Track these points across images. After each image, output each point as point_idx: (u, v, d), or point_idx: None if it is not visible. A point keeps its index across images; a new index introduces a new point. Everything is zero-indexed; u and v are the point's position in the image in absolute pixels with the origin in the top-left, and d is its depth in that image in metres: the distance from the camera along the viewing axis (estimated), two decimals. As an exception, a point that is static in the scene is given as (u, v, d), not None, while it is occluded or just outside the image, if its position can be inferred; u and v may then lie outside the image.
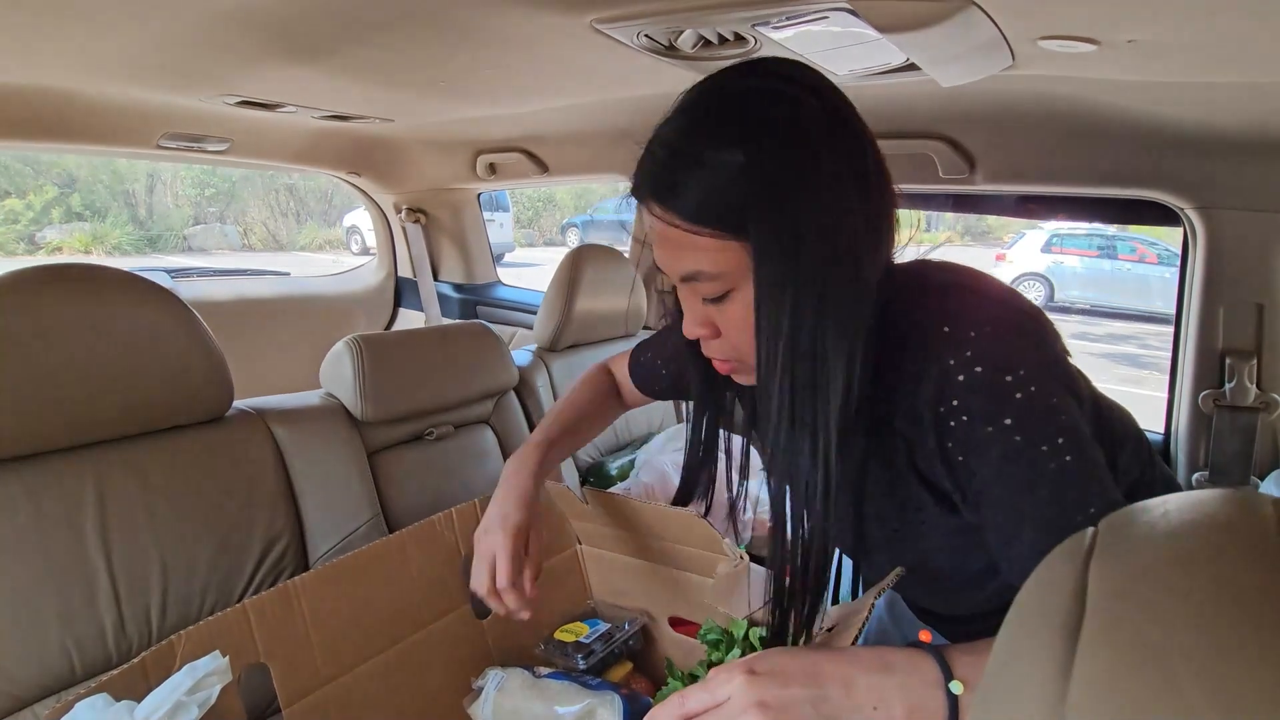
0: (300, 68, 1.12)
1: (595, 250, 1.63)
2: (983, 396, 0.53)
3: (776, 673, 0.51)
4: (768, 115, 0.54)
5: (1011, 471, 0.53)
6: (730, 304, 0.59)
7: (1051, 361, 0.56)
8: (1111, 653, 0.16)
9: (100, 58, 1.10)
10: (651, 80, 1.10)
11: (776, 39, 0.74)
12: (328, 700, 0.76)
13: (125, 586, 0.86)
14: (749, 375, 0.63)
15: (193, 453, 0.95)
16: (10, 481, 0.81)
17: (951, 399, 0.54)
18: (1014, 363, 0.53)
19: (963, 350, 0.54)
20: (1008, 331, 0.55)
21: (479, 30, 0.88)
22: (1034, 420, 0.53)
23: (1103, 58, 0.71)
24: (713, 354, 0.64)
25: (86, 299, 0.84)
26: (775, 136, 0.53)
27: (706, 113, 0.56)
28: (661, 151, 0.57)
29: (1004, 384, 0.53)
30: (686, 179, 0.55)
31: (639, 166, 0.59)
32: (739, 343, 0.60)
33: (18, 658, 0.78)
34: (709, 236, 0.55)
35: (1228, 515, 0.19)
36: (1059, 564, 0.21)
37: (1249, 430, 1.28)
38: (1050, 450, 0.53)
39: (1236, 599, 0.15)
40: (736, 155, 0.53)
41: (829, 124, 0.55)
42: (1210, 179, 1.19)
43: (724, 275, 0.57)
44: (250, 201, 10.86)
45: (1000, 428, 0.53)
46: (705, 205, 0.55)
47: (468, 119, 1.64)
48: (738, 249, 0.55)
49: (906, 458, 0.61)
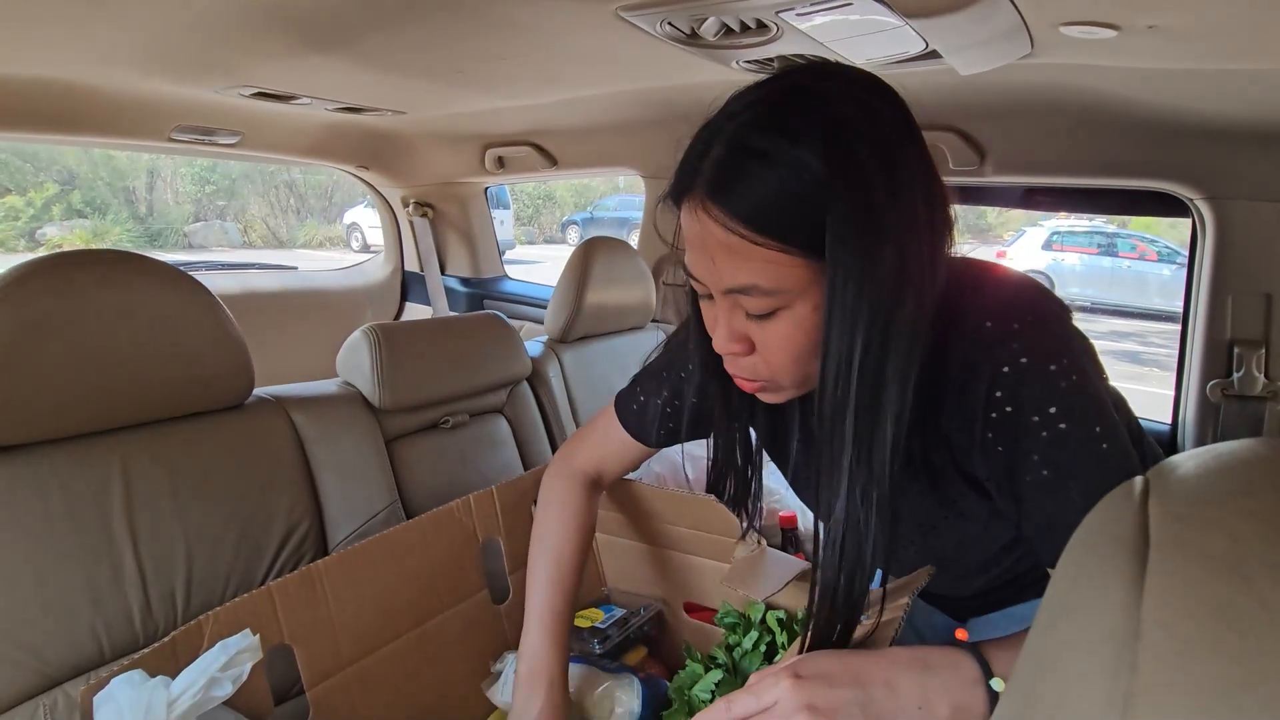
0: (318, 57, 1.13)
1: (606, 243, 1.64)
2: (1031, 387, 0.53)
3: (822, 675, 0.51)
4: (850, 121, 0.50)
5: (1055, 457, 0.53)
6: (776, 322, 0.54)
7: (1085, 347, 0.57)
8: (1182, 563, 0.17)
9: (116, 49, 1.11)
10: (669, 70, 1.10)
11: (800, 26, 0.75)
12: (350, 682, 0.77)
13: (151, 569, 0.87)
14: (777, 394, 0.61)
15: (216, 439, 0.96)
16: (41, 465, 0.82)
17: (998, 391, 0.54)
18: (1058, 350, 0.54)
19: (1009, 343, 0.53)
20: (1046, 319, 0.55)
21: (502, 18, 0.89)
22: (1078, 408, 0.53)
23: (1122, 44, 0.71)
24: (739, 371, 0.59)
25: (117, 284, 0.84)
26: (859, 145, 0.49)
27: (782, 110, 0.51)
28: (723, 148, 0.51)
29: (1050, 373, 0.53)
30: (756, 181, 0.50)
31: (688, 163, 0.54)
32: (776, 362, 0.56)
33: (48, 638, 0.79)
34: (774, 249, 0.50)
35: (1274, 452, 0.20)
36: (1117, 503, 0.22)
37: (1256, 419, 1.29)
38: (1091, 437, 0.53)
39: None
40: (817, 160, 0.49)
41: (904, 137, 0.52)
42: (1219, 169, 1.20)
43: (780, 292, 0.52)
44: (250, 198, 10.85)
45: (1046, 416, 0.53)
46: (776, 212, 0.50)
47: (477, 112, 1.64)
48: (801, 265, 0.51)
49: (949, 456, 0.60)
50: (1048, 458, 0.54)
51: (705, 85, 1.21)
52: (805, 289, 0.52)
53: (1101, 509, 0.23)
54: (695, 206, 0.53)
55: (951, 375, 0.56)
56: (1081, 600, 0.20)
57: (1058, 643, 0.20)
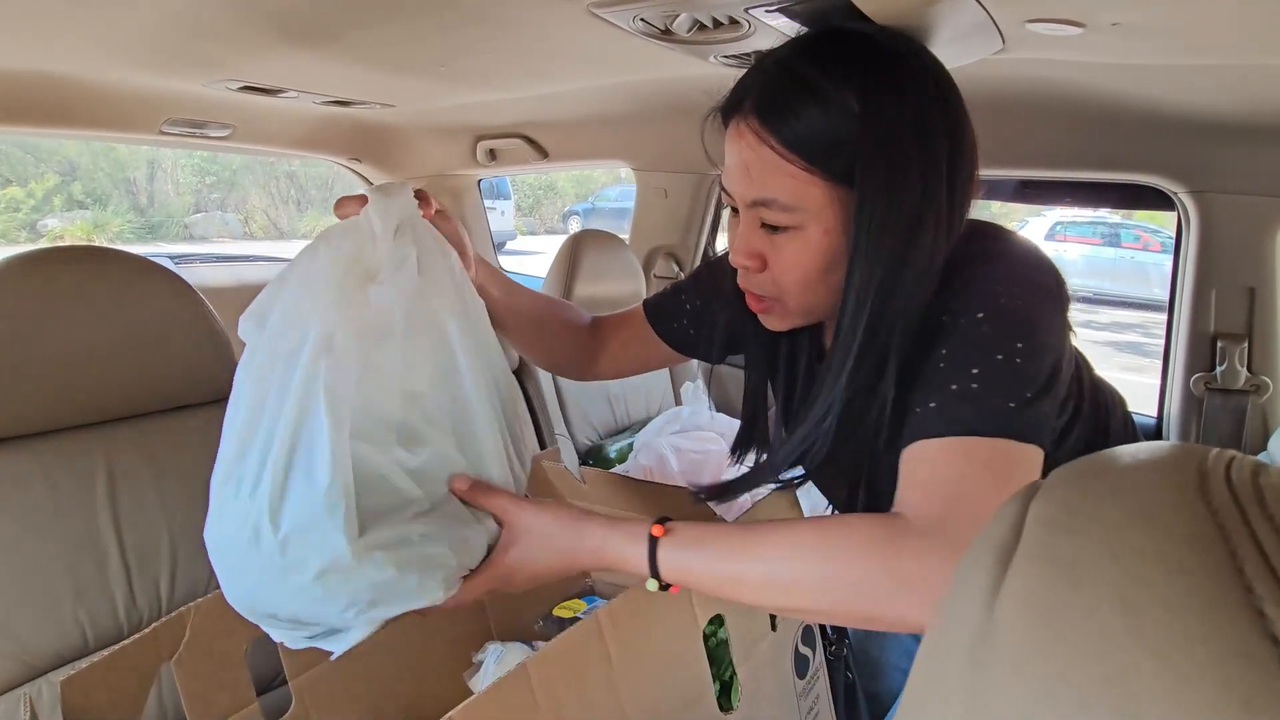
0: (301, 52, 1.13)
1: (595, 236, 1.64)
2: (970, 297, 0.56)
3: (519, 567, 0.59)
4: (888, 68, 0.55)
5: (961, 347, 0.55)
6: (789, 239, 0.58)
7: (1052, 306, 0.58)
8: (1033, 568, 0.18)
9: (102, 42, 1.11)
10: (649, 64, 1.10)
11: (769, 23, 0.75)
12: (332, 671, 0.78)
13: (135, 560, 0.88)
14: (781, 319, 0.64)
15: (200, 431, 0.97)
16: (25, 458, 0.83)
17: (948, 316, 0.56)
18: (1017, 290, 0.56)
19: (982, 299, 0.56)
20: (1025, 276, 0.58)
21: (478, 13, 0.89)
22: (1008, 320, 0.54)
23: (1089, 41, 0.72)
24: (751, 286, 0.63)
25: (96, 280, 0.86)
26: (893, 90, 0.54)
27: (830, 50, 0.57)
28: (776, 71, 0.57)
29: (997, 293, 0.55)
30: (800, 107, 0.55)
31: (742, 82, 0.59)
32: (785, 282, 0.60)
33: (32, 628, 0.80)
34: (799, 166, 0.55)
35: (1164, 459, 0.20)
36: (1008, 504, 0.23)
37: (1239, 412, 1.29)
38: (1008, 346, 0.54)
39: (1147, 520, 0.17)
40: (854, 98, 0.53)
41: (941, 93, 0.57)
42: (1202, 163, 1.20)
43: (798, 210, 0.56)
44: (251, 189, 10.84)
45: (972, 319, 0.55)
46: (811, 136, 0.54)
47: (468, 104, 1.65)
48: (822, 188, 0.55)
49: None
50: (955, 348, 0.55)
51: (690, 78, 1.21)
52: (820, 211, 0.56)
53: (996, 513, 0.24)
54: (739, 121, 0.58)
55: (935, 330, 0.57)
56: (953, 601, 0.21)
57: (931, 642, 0.21)
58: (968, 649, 0.18)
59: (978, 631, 0.18)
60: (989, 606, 0.18)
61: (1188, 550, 0.16)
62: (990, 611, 0.18)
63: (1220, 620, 0.14)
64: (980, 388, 0.53)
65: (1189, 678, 0.14)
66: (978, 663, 0.18)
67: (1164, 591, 0.15)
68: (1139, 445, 0.22)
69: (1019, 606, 0.17)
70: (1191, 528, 0.17)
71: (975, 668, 0.18)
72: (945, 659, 0.19)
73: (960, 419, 0.52)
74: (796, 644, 0.79)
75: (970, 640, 0.18)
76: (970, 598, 0.19)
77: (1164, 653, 0.14)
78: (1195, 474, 0.19)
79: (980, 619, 0.18)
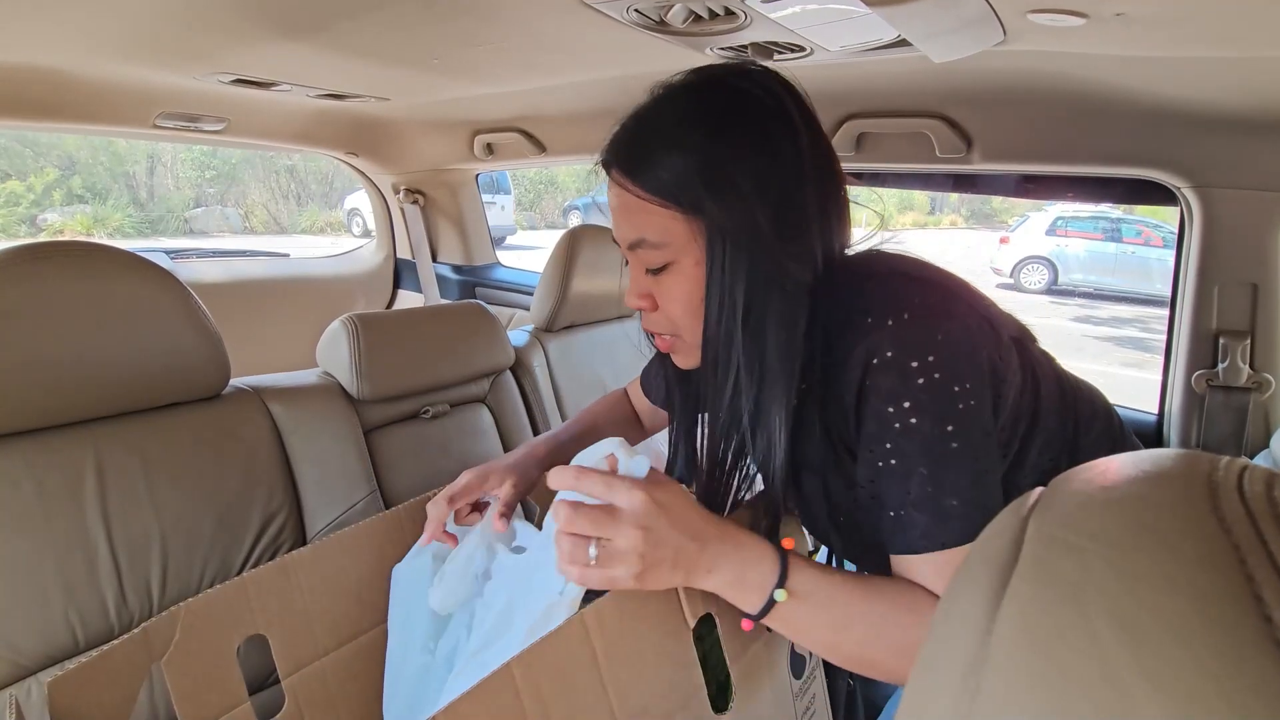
0: (293, 45, 1.12)
1: (592, 231, 1.63)
2: (890, 378, 0.56)
3: (667, 511, 0.56)
4: (736, 107, 0.59)
5: (904, 448, 0.57)
6: (669, 276, 0.63)
7: (967, 350, 0.57)
8: (1033, 588, 0.17)
9: (94, 35, 1.10)
10: (645, 57, 1.09)
11: (766, 13, 0.74)
12: (325, 671, 0.77)
13: (126, 560, 0.88)
14: (686, 356, 0.68)
15: (191, 429, 0.96)
16: (12, 456, 0.82)
17: (866, 380, 0.58)
18: (924, 349, 0.56)
19: (882, 336, 0.57)
20: (927, 319, 0.57)
21: (470, 4, 0.88)
22: (932, 405, 0.56)
23: (1092, 31, 0.70)
24: (650, 327, 0.69)
25: (85, 276, 0.84)
26: (739, 127, 0.58)
27: (681, 96, 0.61)
28: (633, 123, 0.62)
29: (910, 369, 0.56)
30: (650, 151, 0.60)
31: (610, 139, 0.64)
32: (674, 316, 0.65)
33: (22, 628, 0.80)
34: (659, 205, 0.59)
35: (1164, 468, 0.19)
36: (1005, 517, 0.22)
37: (1241, 410, 1.28)
38: (942, 435, 0.56)
39: (1154, 538, 0.16)
40: (701, 136, 0.58)
41: (787, 123, 0.60)
42: (1206, 158, 1.19)
43: (666, 245, 0.61)
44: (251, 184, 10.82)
45: (900, 409, 0.56)
46: (664, 175, 0.59)
47: (465, 98, 1.63)
48: (684, 222, 0.59)
49: (838, 434, 0.64)
50: (898, 447, 0.57)
51: (686, 72, 1.19)
52: (687, 244, 0.60)
53: (992, 525, 0.23)
54: (610, 175, 0.64)
55: (838, 360, 0.60)
56: (949, 620, 0.20)
57: (925, 664, 0.20)
58: (961, 675, 0.17)
59: (973, 657, 0.17)
60: (985, 631, 0.17)
61: (1199, 572, 0.15)
62: (986, 636, 0.17)
63: (1235, 653, 0.13)
64: (935, 492, 0.56)
65: (1198, 718, 0.13)
66: (972, 691, 0.17)
67: (1173, 619, 0.14)
68: (1143, 453, 0.20)
69: (1016, 632, 0.16)
70: (1203, 548, 0.15)
71: (970, 696, 0.17)
72: (938, 687, 0.18)
73: (931, 535, 0.56)
74: (792, 644, 0.78)
75: (965, 666, 0.17)
76: (965, 619, 0.18)
77: (1172, 688, 0.13)
78: (1205, 486, 0.18)
79: (976, 644, 0.17)
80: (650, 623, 0.61)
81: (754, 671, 0.70)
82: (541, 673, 0.53)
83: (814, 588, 0.57)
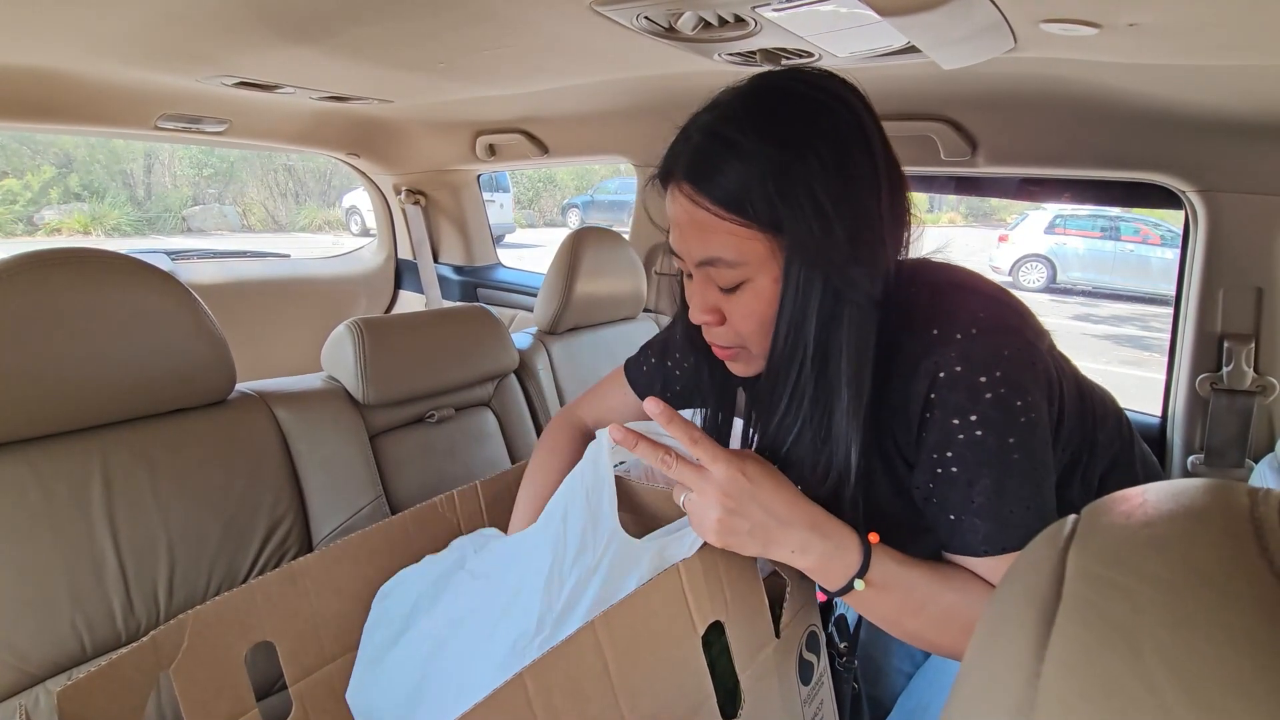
0: (298, 48, 1.11)
1: (595, 233, 1.62)
2: (959, 393, 0.57)
3: (757, 485, 0.58)
4: (811, 119, 0.57)
5: (967, 457, 0.58)
6: (742, 293, 0.61)
7: (1028, 363, 0.59)
8: (1083, 631, 0.17)
9: (98, 37, 1.10)
10: (652, 61, 1.09)
11: (776, 21, 0.74)
12: (333, 677, 0.77)
13: (133, 567, 0.87)
14: (748, 364, 0.67)
15: (196, 435, 0.96)
16: (18, 464, 0.82)
17: (932, 393, 0.59)
18: (991, 366, 0.57)
19: (948, 350, 0.58)
20: (993, 335, 0.58)
21: (481, 11, 0.87)
22: (998, 419, 0.57)
23: (1104, 41, 0.70)
24: (715, 340, 0.66)
25: (90, 283, 0.84)
26: (815, 140, 0.56)
27: (748, 106, 0.59)
28: (701, 136, 0.59)
29: (978, 384, 0.57)
30: (725, 166, 0.57)
31: (672, 149, 0.61)
32: (744, 331, 0.63)
33: (30, 636, 0.79)
34: (737, 224, 0.57)
35: (1203, 503, 0.19)
36: (1041, 548, 0.22)
37: (1245, 414, 1.28)
38: (1003, 447, 0.57)
39: (1204, 581, 0.16)
40: (776, 150, 0.56)
41: (862, 132, 0.58)
42: (1212, 162, 1.19)
43: (742, 264, 0.59)
44: (249, 182, 10.79)
45: (966, 422, 0.57)
46: (741, 193, 0.56)
47: (467, 100, 1.63)
48: (762, 240, 0.58)
49: (893, 443, 0.65)
50: (961, 456, 0.58)
51: (692, 75, 1.19)
52: (765, 262, 0.59)
53: (1025, 554, 0.22)
54: (675, 188, 0.61)
55: (900, 371, 0.60)
56: (989, 658, 0.19)
57: (963, 700, 0.20)
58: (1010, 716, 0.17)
59: (1020, 700, 0.17)
60: (1033, 674, 0.17)
61: (1255, 620, 0.15)
62: (1034, 679, 0.17)
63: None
64: (998, 501, 0.58)
65: None
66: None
67: (1235, 672, 0.14)
68: (1177, 484, 0.20)
69: (1067, 674, 0.16)
70: (1255, 590, 0.15)
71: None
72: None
73: (993, 540, 0.58)
74: (801, 651, 0.78)
75: (1012, 708, 0.17)
76: (1009, 660, 0.18)
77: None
78: (1248, 522, 0.17)
79: (1022, 685, 0.17)
80: (659, 631, 0.61)
81: (762, 678, 0.70)
82: (554, 682, 0.53)
83: (891, 579, 0.59)
